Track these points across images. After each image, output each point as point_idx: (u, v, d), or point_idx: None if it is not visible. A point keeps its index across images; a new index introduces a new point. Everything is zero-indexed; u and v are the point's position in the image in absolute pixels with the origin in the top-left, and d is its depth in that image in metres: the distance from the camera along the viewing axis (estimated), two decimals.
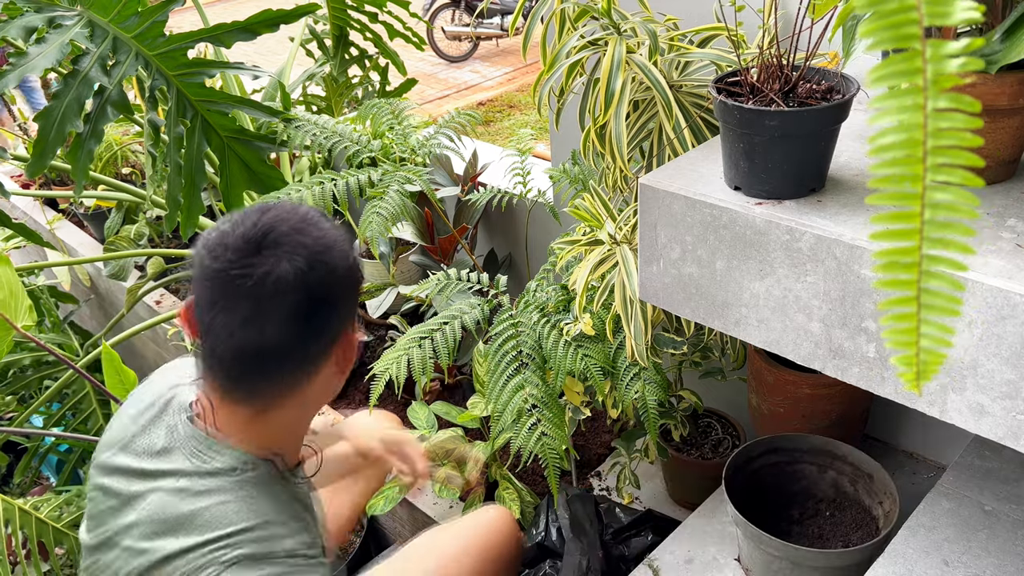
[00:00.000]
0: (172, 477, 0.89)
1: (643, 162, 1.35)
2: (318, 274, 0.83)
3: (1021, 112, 0.86)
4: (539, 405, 1.42)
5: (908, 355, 0.37)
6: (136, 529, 0.88)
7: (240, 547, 0.83)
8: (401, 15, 2.44)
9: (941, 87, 0.32)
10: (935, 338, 0.36)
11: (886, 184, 0.34)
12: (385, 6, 2.37)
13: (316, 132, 1.94)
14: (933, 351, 0.36)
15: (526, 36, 1.30)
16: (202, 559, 0.83)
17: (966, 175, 0.33)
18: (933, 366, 0.37)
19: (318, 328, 0.86)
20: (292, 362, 0.86)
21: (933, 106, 0.32)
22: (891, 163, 0.33)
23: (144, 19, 1.72)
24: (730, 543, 1.47)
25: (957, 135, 0.32)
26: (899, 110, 0.33)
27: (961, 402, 0.82)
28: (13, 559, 1.70)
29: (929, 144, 0.33)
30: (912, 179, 0.33)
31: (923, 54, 0.32)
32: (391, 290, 2.28)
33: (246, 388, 0.88)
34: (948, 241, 0.34)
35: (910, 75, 0.32)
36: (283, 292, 0.81)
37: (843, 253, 0.86)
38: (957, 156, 0.33)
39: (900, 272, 0.35)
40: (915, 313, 0.36)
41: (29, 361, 2.40)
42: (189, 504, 0.86)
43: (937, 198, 0.33)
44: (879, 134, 0.33)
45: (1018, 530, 1.14)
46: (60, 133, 1.66)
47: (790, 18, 1.31)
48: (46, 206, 3.51)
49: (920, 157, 0.33)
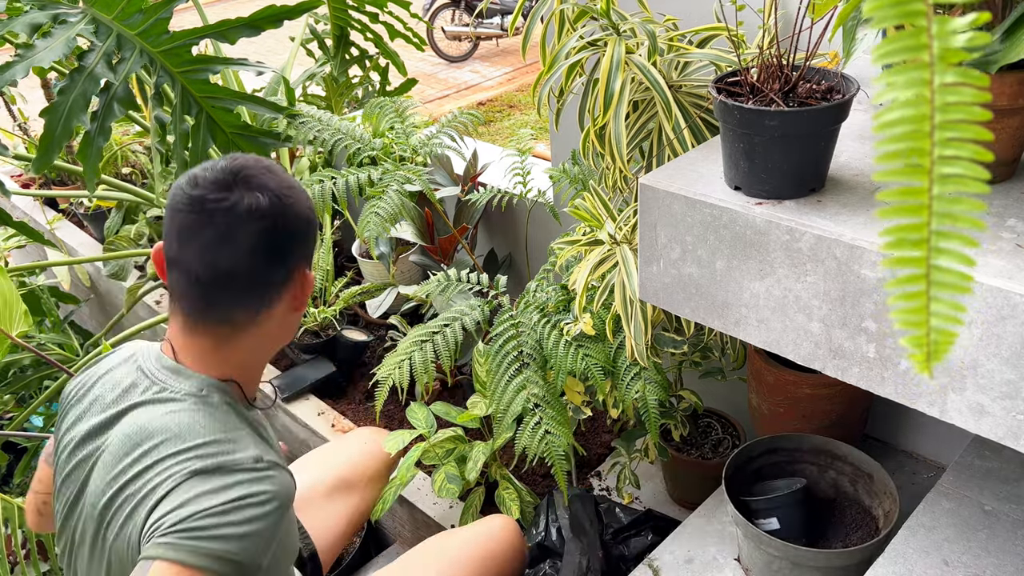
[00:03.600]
0: (139, 407, 0.96)
1: (643, 162, 1.35)
2: (283, 208, 0.94)
3: (1021, 112, 0.86)
4: (541, 404, 1.42)
5: (919, 335, 0.36)
6: (106, 459, 0.95)
7: (194, 462, 0.89)
8: (402, 15, 2.44)
9: (948, 62, 0.32)
10: (946, 316, 0.35)
11: (893, 160, 0.33)
12: (386, 6, 2.37)
13: (320, 128, 1.94)
14: (944, 330, 0.35)
15: (526, 36, 1.30)
16: (159, 476, 0.89)
17: (975, 149, 0.32)
18: (944, 346, 0.35)
19: (281, 257, 0.96)
20: (257, 287, 0.95)
21: (940, 81, 0.32)
22: (898, 138, 0.33)
23: (147, 16, 1.72)
24: (730, 543, 1.47)
25: (965, 109, 0.32)
26: (906, 85, 0.32)
27: (961, 402, 0.83)
28: (13, 559, 1.70)
29: (937, 119, 0.32)
30: (919, 153, 0.33)
31: (929, 30, 0.32)
32: (391, 290, 2.28)
33: (212, 312, 0.96)
34: (957, 216, 0.33)
35: (916, 51, 0.32)
36: (253, 219, 0.91)
37: (843, 253, 0.86)
38: (965, 130, 0.32)
39: (909, 249, 0.34)
40: (924, 291, 0.35)
41: (29, 361, 2.40)
42: (154, 423, 0.93)
43: (946, 172, 0.33)
44: (886, 109, 0.33)
45: (1018, 530, 1.14)
46: (66, 128, 1.66)
47: (790, 18, 1.31)
48: (46, 206, 3.51)
49: (928, 132, 0.32)
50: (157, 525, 0.86)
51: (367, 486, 1.54)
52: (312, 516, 1.41)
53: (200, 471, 0.88)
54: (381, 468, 1.59)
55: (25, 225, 1.89)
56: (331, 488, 1.48)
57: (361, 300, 2.44)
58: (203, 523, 0.85)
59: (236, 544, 0.86)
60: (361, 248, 2.59)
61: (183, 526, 0.85)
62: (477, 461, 1.67)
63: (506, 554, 1.40)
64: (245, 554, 0.86)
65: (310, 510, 1.42)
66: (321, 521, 1.42)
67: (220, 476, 0.89)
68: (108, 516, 0.92)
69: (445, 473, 1.70)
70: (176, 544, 0.84)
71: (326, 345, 2.33)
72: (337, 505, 1.46)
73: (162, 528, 0.85)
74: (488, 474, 1.80)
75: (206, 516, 0.85)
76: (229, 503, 0.87)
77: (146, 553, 0.85)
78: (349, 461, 1.55)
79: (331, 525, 1.42)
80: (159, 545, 0.84)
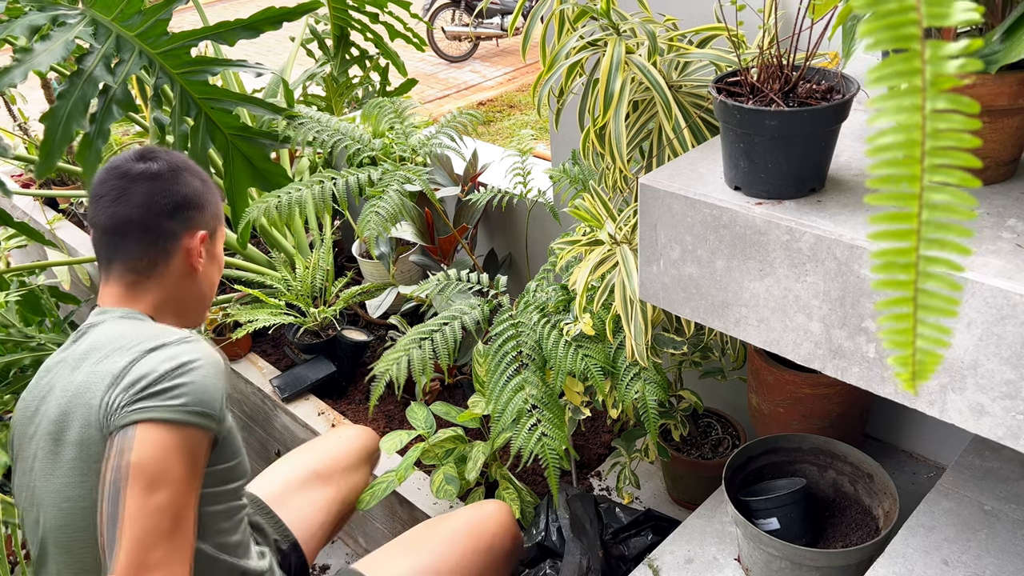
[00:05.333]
0: (79, 342, 1.10)
1: (643, 162, 1.35)
2: (172, 175, 1.15)
3: (1020, 112, 0.86)
4: (539, 405, 1.42)
5: (905, 355, 0.37)
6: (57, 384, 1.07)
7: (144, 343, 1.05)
8: (402, 15, 2.44)
9: (940, 88, 0.32)
10: (932, 339, 0.36)
11: (884, 184, 0.34)
12: (386, 6, 2.38)
13: (319, 129, 1.94)
14: (930, 352, 0.36)
15: (526, 36, 1.30)
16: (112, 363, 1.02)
17: (964, 176, 0.33)
18: (930, 367, 0.37)
19: (169, 213, 1.15)
20: (148, 235, 1.14)
21: (932, 107, 0.32)
22: (889, 163, 0.34)
23: (147, 18, 1.72)
24: (730, 543, 1.48)
25: (955, 136, 0.32)
26: (897, 110, 0.33)
27: (961, 402, 0.83)
28: (13, 559, 1.70)
29: (927, 145, 0.33)
30: (910, 179, 0.33)
31: (922, 55, 0.32)
32: (391, 290, 2.28)
33: (119, 258, 1.14)
34: (945, 242, 0.34)
35: (909, 75, 0.32)
36: (144, 179, 1.14)
37: (843, 253, 0.86)
38: (955, 157, 0.33)
39: (897, 272, 0.35)
40: (912, 314, 0.36)
41: (29, 361, 2.40)
42: (98, 340, 1.08)
43: (935, 199, 0.33)
44: (878, 134, 0.33)
45: (1018, 530, 1.14)
46: (66, 133, 1.67)
47: (790, 18, 1.31)
48: (46, 206, 3.51)
49: (918, 158, 0.33)
50: (122, 399, 0.99)
51: (342, 476, 1.57)
52: (286, 508, 1.46)
53: (148, 349, 1.04)
54: (354, 460, 1.61)
55: (26, 225, 1.89)
56: (303, 481, 1.52)
57: (361, 300, 2.45)
58: (166, 384, 1.00)
59: (197, 396, 1.01)
60: (361, 248, 2.59)
61: (150, 391, 0.99)
62: (477, 461, 1.67)
63: (496, 533, 1.45)
64: (207, 404, 1.02)
65: (284, 503, 1.47)
66: (296, 511, 1.46)
67: (164, 349, 1.04)
68: (66, 420, 1.03)
69: (443, 474, 1.70)
70: (149, 407, 0.98)
71: (326, 345, 2.33)
72: (312, 495, 1.51)
73: (129, 397, 0.99)
74: (488, 474, 1.80)
75: (166, 379, 1.00)
76: (181, 365, 1.02)
77: (122, 422, 0.98)
78: (323, 455, 1.60)
79: (308, 515, 1.47)
80: (133, 411, 0.98)
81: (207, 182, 1.22)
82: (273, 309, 2.27)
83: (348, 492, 1.57)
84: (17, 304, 2.10)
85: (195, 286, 1.21)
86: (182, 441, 0.98)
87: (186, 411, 0.99)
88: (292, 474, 1.54)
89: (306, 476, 1.53)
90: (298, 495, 1.50)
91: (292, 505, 1.47)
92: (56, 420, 1.04)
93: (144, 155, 1.16)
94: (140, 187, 1.13)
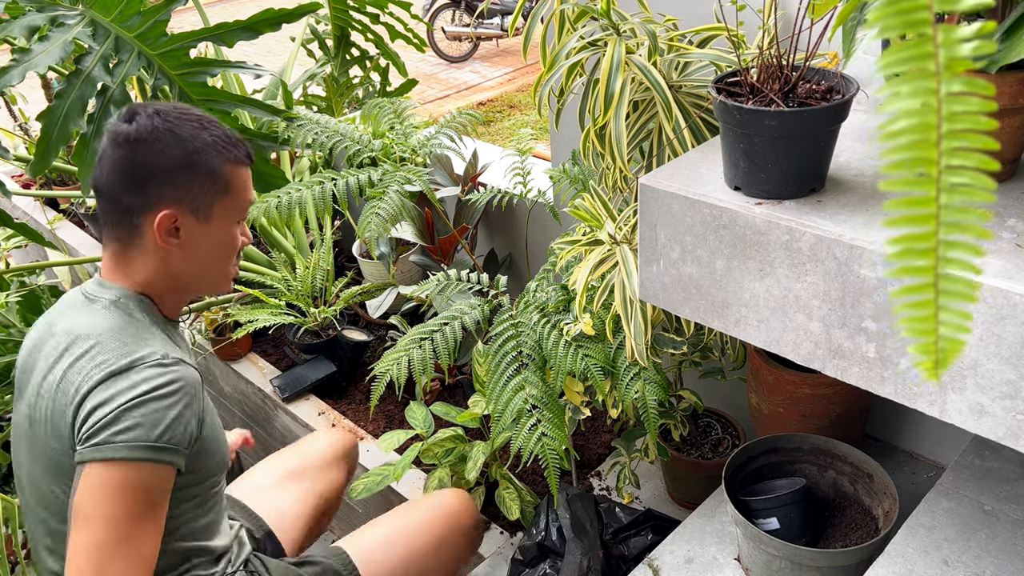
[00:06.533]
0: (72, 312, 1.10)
1: (643, 162, 1.35)
2: (147, 144, 1.04)
3: (1021, 112, 0.86)
4: (539, 405, 1.42)
5: (926, 343, 0.36)
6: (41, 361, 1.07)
7: (108, 363, 1.01)
8: (402, 16, 2.44)
9: (954, 71, 0.32)
10: (954, 324, 0.35)
11: (900, 169, 0.33)
12: (387, 7, 2.38)
13: (318, 131, 1.94)
14: (952, 338, 0.35)
15: (526, 37, 1.30)
16: (78, 375, 1.02)
17: (982, 158, 0.32)
18: (952, 353, 0.36)
19: (138, 184, 1.05)
20: (120, 205, 1.06)
21: (947, 90, 0.32)
22: (905, 148, 0.33)
23: (146, 18, 1.72)
24: (730, 543, 1.48)
25: (972, 119, 0.32)
26: (912, 94, 0.32)
27: (961, 402, 0.83)
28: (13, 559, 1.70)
29: (944, 128, 0.32)
30: (927, 163, 0.33)
31: (935, 39, 0.32)
32: (391, 290, 2.28)
33: (107, 223, 1.09)
34: (965, 225, 0.33)
35: (922, 60, 0.32)
36: (120, 144, 1.04)
37: (843, 253, 0.86)
38: (973, 140, 0.32)
39: (916, 259, 0.34)
40: (933, 300, 0.35)
41: None
42: (79, 326, 1.06)
43: (953, 181, 0.33)
44: (892, 119, 0.33)
45: (1018, 530, 1.14)
46: (63, 132, 1.67)
47: (790, 18, 1.31)
48: (46, 206, 3.51)
49: (934, 141, 0.32)
50: (84, 431, 0.99)
51: (318, 471, 1.60)
52: (259, 501, 1.50)
53: (114, 372, 1.00)
54: (329, 458, 1.64)
55: (26, 226, 1.89)
56: (279, 479, 1.56)
57: (361, 300, 2.45)
58: (121, 423, 0.97)
59: (151, 430, 0.98)
60: (361, 248, 2.59)
61: (101, 424, 0.97)
62: (477, 461, 1.67)
63: (454, 504, 1.52)
64: (163, 439, 0.99)
65: (259, 498, 1.51)
66: (269, 503, 1.50)
67: (131, 373, 1.00)
68: (37, 416, 1.05)
69: (438, 479, 1.72)
70: (100, 444, 0.97)
71: (326, 345, 2.33)
72: (286, 489, 1.54)
73: (87, 431, 0.98)
74: (488, 474, 1.80)
75: (122, 416, 0.98)
76: (141, 395, 0.99)
77: (78, 459, 0.98)
78: (296, 455, 1.63)
79: (281, 507, 1.50)
80: (87, 450, 0.97)
81: (195, 152, 1.07)
82: (273, 309, 2.27)
83: (324, 486, 1.59)
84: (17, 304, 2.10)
85: (181, 264, 1.11)
86: (129, 478, 0.97)
87: (138, 447, 0.97)
88: (265, 475, 1.57)
89: (282, 475, 1.57)
90: (271, 491, 1.53)
91: (265, 499, 1.51)
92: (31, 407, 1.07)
93: (131, 114, 1.06)
94: (116, 153, 1.05)
